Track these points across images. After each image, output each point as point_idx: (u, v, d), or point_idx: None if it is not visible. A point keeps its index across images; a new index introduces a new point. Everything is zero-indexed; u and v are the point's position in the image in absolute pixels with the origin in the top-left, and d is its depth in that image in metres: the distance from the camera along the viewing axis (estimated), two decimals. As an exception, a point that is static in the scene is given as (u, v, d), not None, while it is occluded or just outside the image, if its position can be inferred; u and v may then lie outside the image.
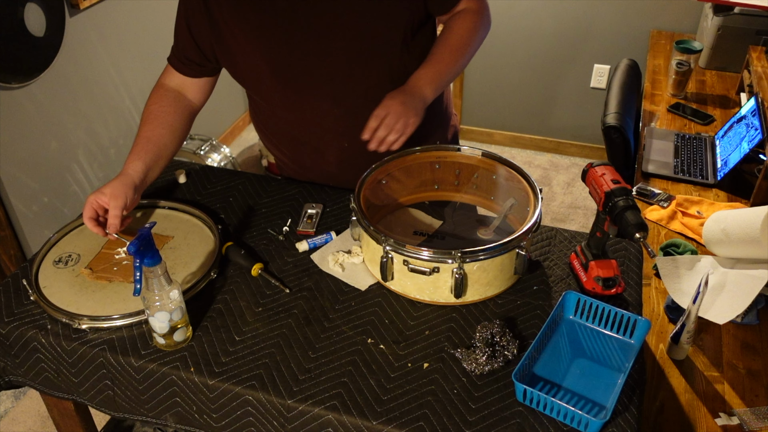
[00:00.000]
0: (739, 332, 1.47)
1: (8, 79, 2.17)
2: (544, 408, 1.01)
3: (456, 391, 1.05)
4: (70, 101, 2.47)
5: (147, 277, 1.05)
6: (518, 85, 3.44)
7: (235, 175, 1.55)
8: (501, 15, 3.22)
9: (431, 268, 1.14)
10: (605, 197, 1.15)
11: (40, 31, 2.24)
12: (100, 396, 1.18)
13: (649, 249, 1.10)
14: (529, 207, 1.26)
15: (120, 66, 2.69)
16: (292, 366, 1.09)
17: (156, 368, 1.11)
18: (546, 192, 3.27)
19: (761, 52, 2.29)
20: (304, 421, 1.04)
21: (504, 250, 1.15)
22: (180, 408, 1.13)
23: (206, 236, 1.35)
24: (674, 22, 3.01)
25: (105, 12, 2.55)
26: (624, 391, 1.04)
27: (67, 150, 2.50)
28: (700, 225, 1.73)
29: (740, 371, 1.38)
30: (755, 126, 1.91)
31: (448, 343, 1.13)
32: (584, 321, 1.17)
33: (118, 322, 1.16)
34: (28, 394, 2.28)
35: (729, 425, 1.27)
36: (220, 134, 3.50)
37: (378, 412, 1.02)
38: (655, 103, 2.43)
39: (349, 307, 1.20)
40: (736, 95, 2.44)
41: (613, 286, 1.20)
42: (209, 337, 1.15)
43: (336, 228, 1.38)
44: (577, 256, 1.26)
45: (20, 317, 1.19)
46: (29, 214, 2.38)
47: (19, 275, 1.26)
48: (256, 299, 1.22)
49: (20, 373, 1.23)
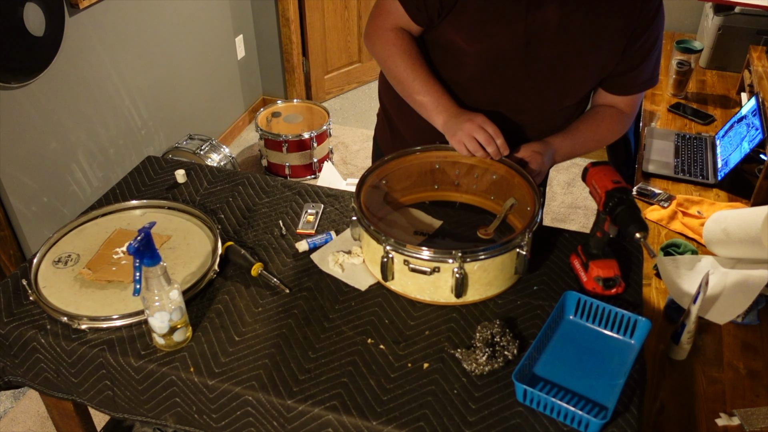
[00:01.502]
0: (739, 332, 1.46)
1: (8, 79, 2.17)
2: (545, 408, 1.01)
3: (456, 391, 1.05)
4: (70, 101, 2.47)
5: (147, 277, 1.05)
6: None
7: (234, 175, 1.55)
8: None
9: (432, 267, 1.14)
10: (605, 197, 1.15)
11: (39, 30, 2.24)
12: (99, 396, 1.18)
13: (650, 249, 1.10)
14: (529, 207, 1.26)
15: (120, 66, 2.69)
16: (292, 366, 1.09)
17: (156, 368, 1.10)
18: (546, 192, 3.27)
19: (762, 51, 2.28)
20: (304, 421, 1.04)
21: (504, 250, 1.15)
22: (180, 408, 1.13)
23: (206, 236, 1.34)
24: (674, 22, 3.00)
25: (105, 12, 2.55)
26: (624, 392, 1.04)
27: (67, 150, 2.50)
28: (701, 225, 1.73)
29: (741, 371, 1.38)
30: (756, 126, 1.91)
31: (448, 343, 1.13)
32: (584, 321, 1.17)
33: (118, 323, 1.16)
34: (28, 394, 2.28)
35: (729, 425, 1.26)
36: (220, 134, 3.50)
37: (378, 412, 1.02)
38: (655, 102, 2.43)
39: (349, 307, 1.20)
40: (737, 95, 2.43)
41: (614, 286, 1.20)
42: (209, 337, 1.15)
43: (336, 228, 1.37)
44: (578, 256, 1.26)
45: (20, 317, 1.19)
46: (29, 214, 2.38)
47: (19, 275, 1.26)
48: (256, 299, 1.22)
49: (20, 374, 1.22)
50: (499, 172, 1.37)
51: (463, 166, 1.41)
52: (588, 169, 1.23)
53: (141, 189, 1.51)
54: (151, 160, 1.60)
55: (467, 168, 1.41)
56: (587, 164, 1.24)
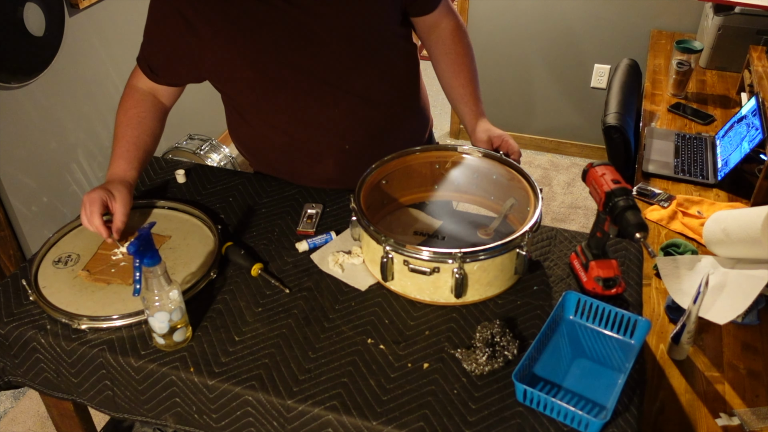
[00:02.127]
0: (739, 332, 1.46)
1: (8, 79, 2.17)
2: (544, 408, 1.01)
3: (456, 391, 1.05)
4: (70, 101, 2.47)
5: (146, 278, 1.05)
6: (518, 85, 3.44)
7: (234, 175, 1.55)
8: (501, 15, 3.22)
9: (431, 268, 1.14)
10: (606, 197, 1.15)
11: (39, 30, 2.24)
12: (99, 396, 1.18)
13: (650, 249, 1.10)
14: (529, 207, 1.26)
15: (119, 66, 2.69)
16: (292, 366, 1.09)
17: (156, 368, 1.10)
18: (546, 192, 3.27)
19: (762, 51, 2.28)
20: (304, 421, 1.04)
21: (504, 250, 1.15)
22: (179, 408, 1.13)
23: (206, 236, 1.34)
24: (675, 22, 3.00)
25: (104, 12, 2.55)
26: (624, 392, 1.04)
27: (67, 150, 2.50)
28: (701, 225, 1.73)
29: (741, 371, 1.38)
30: (756, 126, 1.91)
31: (448, 343, 1.13)
32: (584, 321, 1.17)
33: (118, 323, 1.16)
34: (28, 394, 2.28)
35: (729, 426, 1.26)
36: (220, 134, 3.50)
37: (378, 412, 1.02)
38: (655, 102, 2.43)
39: (349, 307, 1.20)
40: (737, 95, 2.43)
41: (614, 286, 1.20)
42: (209, 337, 1.15)
43: (336, 228, 1.37)
44: (578, 256, 1.26)
45: (20, 317, 1.19)
46: (29, 214, 2.38)
47: (19, 275, 1.26)
48: (256, 299, 1.22)
49: (20, 374, 1.22)
50: (499, 172, 1.37)
51: (463, 166, 1.41)
52: (588, 169, 1.23)
53: (141, 189, 1.51)
54: (151, 160, 1.60)
55: (467, 168, 1.41)
56: (587, 164, 1.24)
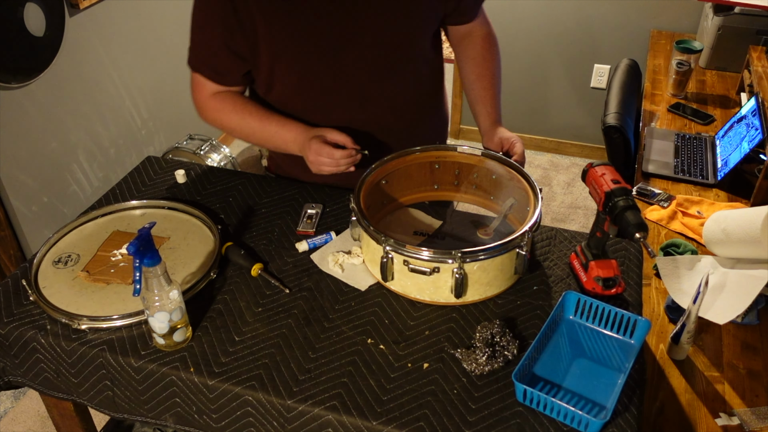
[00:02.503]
0: (739, 332, 1.46)
1: (8, 79, 2.17)
2: (544, 408, 1.01)
3: (456, 391, 1.05)
4: (70, 101, 2.47)
5: (146, 278, 1.05)
6: (518, 85, 3.44)
7: (234, 175, 1.55)
8: (501, 15, 3.21)
9: (431, 268, 1.14)
10: (605, 197, 1.15)
11: (39, 30, 2.24)
12: (99, 396, 1.18)
13: (650, 249, 1.10)
14: (529, 207, 1.26)
15: (120, 66, 2.69)
16: (292, 366, 1.09)
17: (156, 368, 1.10)
18: (546, 192, 3.27)
19: (761, 51, 2.29)
20: (304, 421, 1.04)
21: (504, 250, 1.15)
22: (179, 408, 1.13)
23: (206, 236, 1.34)
24: (674, 22, 3.00)
25: (105, 12, 2.55)
26: (624, 392, 1.04)
27: (67, 150, 2.50)
28: (701, 225, 1.73)
29: (740, 371, 1.38)
30: (755, 126, 1.91)
31: (448, 343, 1.13)
32: (584, 321, 1.17)
33: (118, 323, 1.16)
34: (28, 394, 2.28)
35: (729, 425, 1.26)
36: (220, 134, 3.50)
37: (378, 412, 1.02)
38: (655, 103, 2.43)
39: (349, 308, 1.20)
40: (737, 95, 2.43)
41: (613, 286, 1.20)
42: (209, 337, 1.15)
43: (336, 228, 1.37)
44: (577, 256, 1.26)
45: (20, 317, 1.19)
46: (29, 214, 2.38)
47: (19, 275, 1.26)
48: (256, 299, 1.22)
49: (20, 374, 1.22)
50: (499, 172, 1.37)
51: (463, 165, 1.41)
52: (588, 169, 1.23)
53: (141, 189, 1.51)
54: (151, 160, 1.60)
55: (467, 168, 1.41)
56: (587, 164, 1.24)
